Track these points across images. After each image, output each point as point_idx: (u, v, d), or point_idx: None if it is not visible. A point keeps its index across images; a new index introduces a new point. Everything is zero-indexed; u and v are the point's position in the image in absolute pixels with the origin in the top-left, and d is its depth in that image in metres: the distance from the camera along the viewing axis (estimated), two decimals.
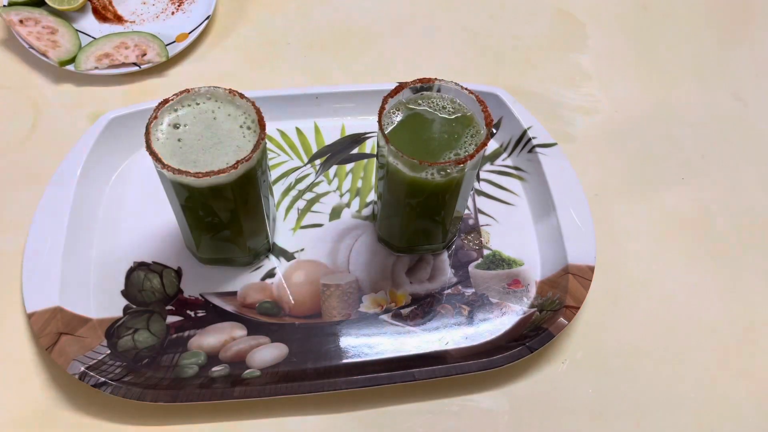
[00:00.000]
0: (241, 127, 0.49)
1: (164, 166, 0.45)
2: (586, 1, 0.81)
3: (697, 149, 0.69)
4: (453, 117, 0.50)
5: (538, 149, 0.63)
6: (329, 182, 0.63)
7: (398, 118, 0.50)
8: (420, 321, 0.56)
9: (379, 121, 0.48)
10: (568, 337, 0.56)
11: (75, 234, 0.56)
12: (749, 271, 0.61)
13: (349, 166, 0.64)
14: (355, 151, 0.65)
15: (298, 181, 0.63)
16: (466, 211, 0.62)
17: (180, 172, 0.44)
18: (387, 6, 0.79)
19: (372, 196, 0.62)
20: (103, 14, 0.74)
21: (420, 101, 0.51)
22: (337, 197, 0.62)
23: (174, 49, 0.70)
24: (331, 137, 0.66)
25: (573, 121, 0.70)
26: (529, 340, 0.53)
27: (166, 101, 0.48)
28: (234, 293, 0.56)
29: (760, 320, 0.58)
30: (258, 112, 0.48)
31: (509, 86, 0.70)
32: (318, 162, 0.64)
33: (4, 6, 0.71)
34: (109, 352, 0.52)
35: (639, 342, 0.56)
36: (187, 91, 0.49)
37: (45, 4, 0.71)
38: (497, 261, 0.59)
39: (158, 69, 0.70)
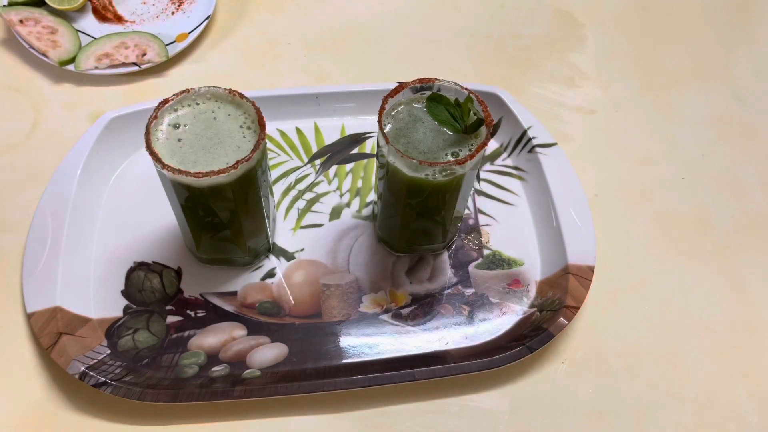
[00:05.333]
0: (241, 127, 0.49)
1: (164, 166, 0.45)
2: (585, 1, 0.81)
3: (697, 149, 0.69)
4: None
5: (538, 149, 0.63)
6: (329, 182, 0.63)
7: (398, 118, 0.50)
8: (420, 321, 0.56)
9: (379, 121, 0.48)
10: (568, 337, 0.56)
11: (75, 234, 0.56)
12: (749, 271, 0.61)
13: (349, 166, 0.64)
14: (355, 151, 0.65)
15: (298, 181, 0.63)
16: (466, 211, 0.62)
17: (180, 172, 0.44)
18: (387, 6, 0.79)
19: (372, 196, 0.62)
20: (103, 14, 0.74)
21: (420, 101, 0.51)
22: (337, 197, 0.62)
23: (174, 49, 0.70)
24: (331, 137, 0.66)
25: (573, 121, 0.70)
26: (529, 340, 0.53)
27: (166, 101, 0.48)
28: (234, 293, 0.56)
29: (760, 320, 0.58)
30: (258, 112, 0.48)
31: (509, 86, 0.70)
32: (318, 162, 0.64)
33: (4, 6, 0.71)
34: (109, 352, 0.52)
35: (639, 342, 0.56)
36: (187, 91, 0.49)
37: (45, 4, 0.71)
38: (497, 261, 0.59)
39: (158, 69, 0.70)
